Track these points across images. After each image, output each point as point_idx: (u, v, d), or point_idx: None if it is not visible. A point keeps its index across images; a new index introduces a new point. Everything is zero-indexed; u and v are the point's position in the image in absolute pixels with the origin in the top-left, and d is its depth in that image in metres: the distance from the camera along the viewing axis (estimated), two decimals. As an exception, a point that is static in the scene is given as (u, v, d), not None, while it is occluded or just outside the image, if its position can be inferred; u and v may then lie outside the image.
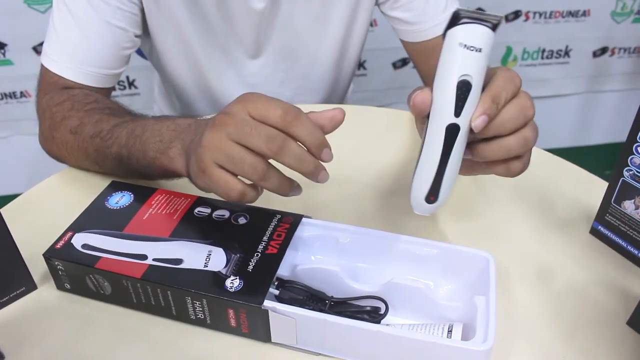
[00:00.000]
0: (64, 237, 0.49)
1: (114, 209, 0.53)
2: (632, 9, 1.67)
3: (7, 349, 0.45)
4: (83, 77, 0.67)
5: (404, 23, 0.79)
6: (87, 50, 0.67)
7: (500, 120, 0.41)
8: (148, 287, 0.46)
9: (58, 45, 0.67)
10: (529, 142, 0.43)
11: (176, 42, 0.76)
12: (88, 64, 0.67)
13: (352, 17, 0.80)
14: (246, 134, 0.43)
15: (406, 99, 0.45)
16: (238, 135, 0.43)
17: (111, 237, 0.49)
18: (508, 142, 0.42)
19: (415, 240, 0.49)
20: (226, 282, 0.44)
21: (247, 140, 0.43)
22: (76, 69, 0.67)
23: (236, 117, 0.44)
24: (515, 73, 0.43)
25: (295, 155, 0.43)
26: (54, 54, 0.67)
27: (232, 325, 0.45)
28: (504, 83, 0.42)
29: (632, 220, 0.53)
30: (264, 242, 0.48)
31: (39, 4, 1.37)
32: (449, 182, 0.42)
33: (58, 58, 0.67)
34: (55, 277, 0.50)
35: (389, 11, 0.79)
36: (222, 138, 0.44)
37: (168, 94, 0.91)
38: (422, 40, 0.78)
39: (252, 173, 0.44)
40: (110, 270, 0.46)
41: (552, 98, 1.80)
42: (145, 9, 0.71)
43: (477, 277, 0.47)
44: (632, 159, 0.51)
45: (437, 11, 0.76)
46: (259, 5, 0.73)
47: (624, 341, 0.47)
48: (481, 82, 0.40)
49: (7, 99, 1.50)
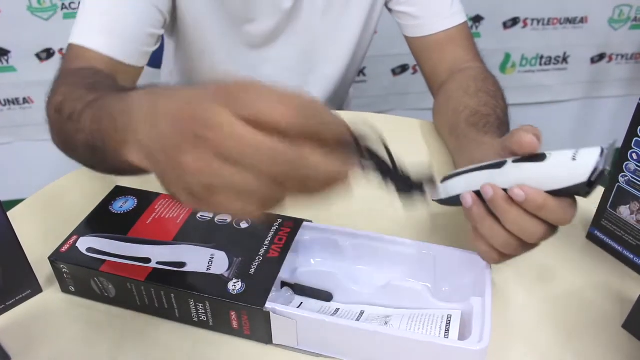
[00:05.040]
0: (69, 240, 0.50)
1: (118, 213, 0.54)
2: (629, 16, 1.68)
3: (13, 350, 0.46)
4: (111, 48, 0.63)
5: (410, 17, 0.79)
6: (116, 21, 0.64)
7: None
8: (152, 290, 0.47)
9: (87, 20, 0.64)
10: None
11: (198, 36, 0.77)
12: (117, 34, 0.64)
13: (367, 20, 0.82)
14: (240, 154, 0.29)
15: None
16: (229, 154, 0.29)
17: (115, 240, 0.50)
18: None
19: (413, 243, 0.50)
20: (228, 285, 0.45)
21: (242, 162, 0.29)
22: (105, 39, 0.63)
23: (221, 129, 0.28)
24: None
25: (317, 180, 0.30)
26: (83, 28, 0.64)
27: (235, 327, 0.46)
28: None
29: (628, 225, 0.54)
30: (265, 246, 0.49)
31: (43, 12, 1.39)
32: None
33: (86, 31, 0.63)
34: (60, 280, 0.50)
35: (395, 6, 0.81)
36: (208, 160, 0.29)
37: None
38: (426, 34, 0.79)
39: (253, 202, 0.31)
40: (115, 273, 0.47)
41: (550, 104, 1.82)
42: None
43: (473, 279, 0.48)
44: (627, 165, 0.52)
45: (443, 6, 0.77)
46: (287, 4, 0.75)
47: (619, 344, 0.48)
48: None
49: (10, 105, 1.51)
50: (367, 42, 0.86)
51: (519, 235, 0.42)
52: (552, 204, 0.40)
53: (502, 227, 0.42)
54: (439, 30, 0.77)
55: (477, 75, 0.72)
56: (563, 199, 0.40)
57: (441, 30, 0.77)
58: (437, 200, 0.49)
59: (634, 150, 0.51)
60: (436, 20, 0.78)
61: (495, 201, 0.41)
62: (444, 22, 0.77)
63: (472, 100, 0.65)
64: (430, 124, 0.77)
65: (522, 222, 0.41)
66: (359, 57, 0.88)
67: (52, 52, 1.45)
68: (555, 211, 0.40)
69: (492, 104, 0.65)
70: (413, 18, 0.79)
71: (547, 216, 0.40)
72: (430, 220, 0.60)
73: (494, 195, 0.41)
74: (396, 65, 1.66)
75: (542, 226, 0.41)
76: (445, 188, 0.48)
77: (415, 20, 0.79)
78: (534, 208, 0.40)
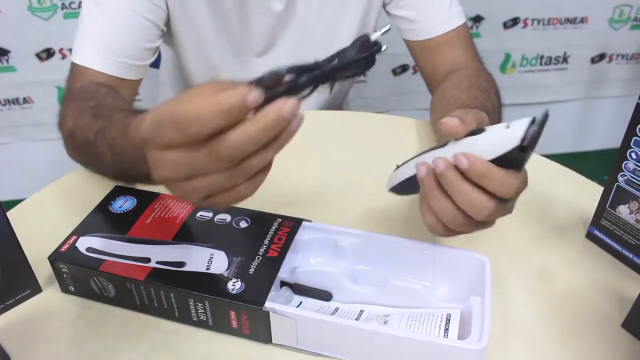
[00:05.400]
0: (69, 240, 0.50)
1: (117, 213, 0.54)
2: (629, 16, 1.68)
3: (13, 350, 0.46)
4: (109, 66, 0.67)
5: (408, 21, 0.80)
6: (113, 39, 0.68)
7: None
8: (151, 290, 0.47)
9: (86, 39, 0.68)
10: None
11: (194, 40, 0.78)
12: (114, 52, 0.67)
13: (363, 21, 0.82)
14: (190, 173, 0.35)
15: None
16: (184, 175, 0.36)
17: (115, 240, 0.50)
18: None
19: (412, 243, 0.50)
20: (228, 285, 0.45)
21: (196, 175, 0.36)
22: (102, 58, 0.67)
23: (165, 165, 0.36)
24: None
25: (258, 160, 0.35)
26: (82, 48, 0.68)
27: (234, 327, 0.46)
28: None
29: (627, 225, 0.54)
30: (265, 246, 0.49)
31: (43, 12, 1.39)
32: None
33: (86, 51, 0.68)
34: (59, 280, 0.51)
35: (394, 10, 0.81)
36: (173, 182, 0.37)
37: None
38: (425, 38, 0.79)
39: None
40: (114, 273, 0.47)
41: (551, 104, 1.81)
42: (170, 5, 0.73)
43: (473, 278, 0.48)
44: (626, 165, 0.52)
45: (441, 9, 0.77)
46: (278, 6, 0.75)
47: (618, 343, 0.48)
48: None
49: (10, 105, 1.51)
50: None
51: (467, 209, 0.42)
52: (494, 172, 0.40)
53: (451, 201, 0.43)
54: (438, 34, 0.78)
55: (471, 73, 0.72)
56: (507, 170, 0.41)
57: (440, 34, 0.78)
58: (391, 189, 0.50)
59: (633, 150, 0.51)
60: (434, 24, 0.78)
61: (444, 173, 0.42)
62: (443, 25, 0.78)
63: (463, 95, 0.66)
64: (430, 124, 0.77)
65: (469, 194, 0.41)
66: None
67: (52, 52, 1.45)
68: (498, 179, 0.40)
69: (482, 98, 0.65)
70: (411, 22, 0.79)
71: (491, 185, 0.41)
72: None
73: (443, 167, 0.42)
74: (396, 65, 1.66)
75: (489, 201, 0.41)
76: (397, 175, 0.49)
77: (414, 24, 0.79)
78: (477, 175, 0.41)
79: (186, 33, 0.77)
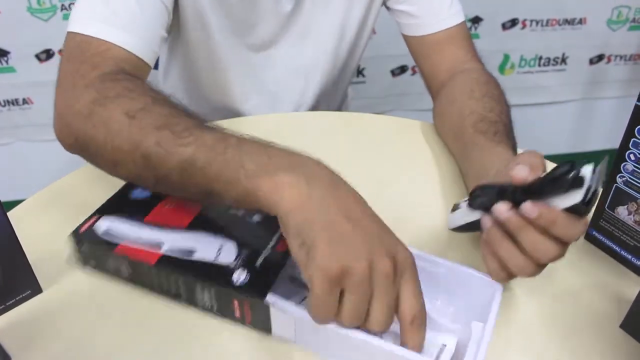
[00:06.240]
0: (90, 221, 0.51)
1: (137, 199, 0.54)
2: (627, 17, 1.69)
3: (13, 350, 0.46)
4: (132, 44, 0.59)
5: (409, 16, 0.79)
6: (141, 20, 0.61)
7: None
8: (162, 274, 0.48)
9: (100, 12, 0.59)
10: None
11: (201, 41, 0.77)
12: (139, 30, 0.61)
13: (365, 17, 0.82)
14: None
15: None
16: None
17: (131, 225, 0.51)
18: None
19: (424, 256, 0.48)
20: (234, 275, 0.46)
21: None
22: (127, 35, 0.59)
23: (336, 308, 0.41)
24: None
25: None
26: (105, 23, 0.59)
27: (237, 315, 0.47)
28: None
29: (626, 226, 0.54)
30: (274, 240, 0.49)
31: (42, 12, 1.39)
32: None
33: (105, 25, 0.59)
34: (78, 258, 0.52)
35: (394, 5, 0.81)
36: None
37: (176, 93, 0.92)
38: (426, 34, 0.79)
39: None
40: (127, 256, 0.49)
41: (549, 105, 1.82)
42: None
43: (480, 302, 0.46)
44: (624, 166, 0.52)
45: (443, 5, 0.77)
46: (287, 7, 0.75)
47: (617, 344, 0.48)
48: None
49: (10, 105, 1.51)
50: (366, 39, 0.86)
51: (534, 254, 0.43)
52: (563, 219, 0.42)
53: (518, 249, 0.44)
54: (439, 29, 0.77)
55: (479, 78, 0.71)
56: (571, 215, 0.42)
57: (441, 30, 0.77)
58: (453, 228, 0.53)
59: (632, 151, 0.51)
60: (436, 20, 0.77)
61: (510, 219, 0.43)
62: (444, 21, 0.77)
63: (478, 105, 0.65)
64: (429, 125, 0.77)
65: (537, 240, 0.43)
66: (357, 54, 0.88)
67: (51, 53, 1.45)
68: (567, 225, 0.42)
69: (498, 110, 0.65)
70: (412, 17, 0.79)
71: (559, 231, 0.42)
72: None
73: (509, 214, 0.43)
74: (395, 66, 1.66)
75: (555, 245, 0.43)
76: (456, 218, 0.52)
77: (415, 19, 0.79)
78: (546, 223, 0.42)
79: (192, 32, 0.76)
